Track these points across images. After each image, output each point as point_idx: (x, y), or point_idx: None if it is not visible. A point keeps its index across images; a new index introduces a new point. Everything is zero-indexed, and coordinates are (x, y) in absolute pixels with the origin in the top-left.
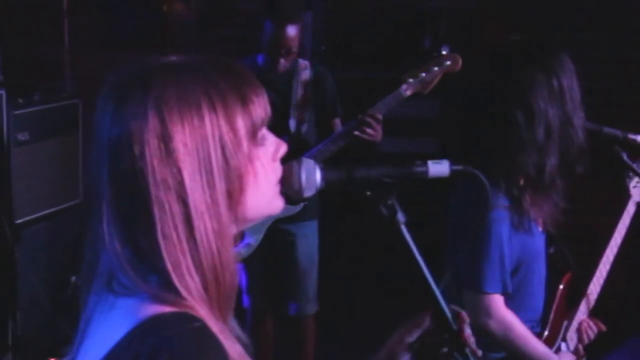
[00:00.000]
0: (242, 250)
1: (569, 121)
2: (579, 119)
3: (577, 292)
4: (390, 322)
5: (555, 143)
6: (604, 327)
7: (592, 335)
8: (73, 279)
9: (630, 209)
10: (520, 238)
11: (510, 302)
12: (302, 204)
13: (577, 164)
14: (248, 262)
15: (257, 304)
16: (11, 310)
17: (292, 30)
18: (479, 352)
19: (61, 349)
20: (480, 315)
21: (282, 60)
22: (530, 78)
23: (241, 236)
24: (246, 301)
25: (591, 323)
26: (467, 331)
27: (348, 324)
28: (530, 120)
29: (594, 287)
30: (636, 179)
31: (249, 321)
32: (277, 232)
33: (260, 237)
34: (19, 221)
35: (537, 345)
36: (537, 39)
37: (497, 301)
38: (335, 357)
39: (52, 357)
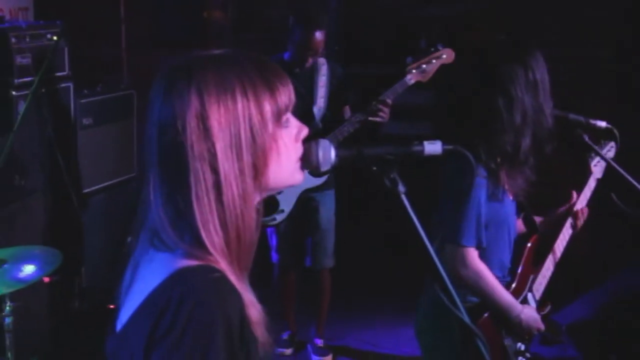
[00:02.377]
0: (277, 216)
1: (540, 108)
2: (548, 107)
3: (542, 252)
4: (393, 274)
5: (529, 126)
6: None
7: None
8: (129, 239)
9: (591, 184)
10: (491, 205)
11: (482, 256)
12: (325, 177)
13: (546, 145)
14: (279, 225)
15: (284, 260)
16: (77, 265)
17: (319, 35)
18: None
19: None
20: (458, 265)
21: (310, 60)
22: (510, 71)
23: (276, 207)
24: (274, 257)
25: None
26: None
27: (358, 276)
28: (510, 106)
29: (558, 247)
30: (597, 159)
31: (276, 274)
32: (303, 199)
33: (291, 206)
34: (84, 191)
35: (503, 293)
36: (517, 39)
37: (472, 253)
38: (347, 303)
39: (111, 304)
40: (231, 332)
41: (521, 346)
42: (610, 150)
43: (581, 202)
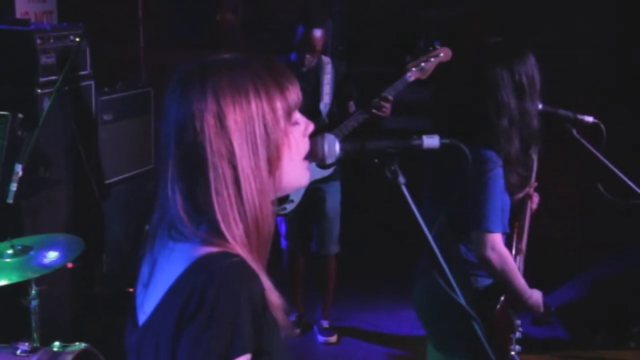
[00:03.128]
0: (287, 206)
1: (527, 111)
2: (535, 108)
3: (520, 234)
4: (394, 259)
5: (516, 130)
6: None
7: None
8: (147, 227)
9: (534, 169)
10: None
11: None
12: (332, 168)
13: (533, 145)
14: (287, 214)
15: (292, 245)
16: (98, 252)
17: (318, 33)
18: None
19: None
20: (486, 250)
21: (307, 56)
22: (497, 76)
23: (287, 197)
24: (284, 244)
25: None
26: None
27: (361, 262)
28: (497, 111)
29: (527, 225)
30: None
31: (285, 259)
32: (310, 189)
33: (300, 196)
34: (105, 182)
35: (520, 277)
36: (508, 43)
37: (498, 238)
38: (351, 287)
39: (130, 288)
40: (255, 312)
41: (518, 322)
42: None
43: (533, 184)
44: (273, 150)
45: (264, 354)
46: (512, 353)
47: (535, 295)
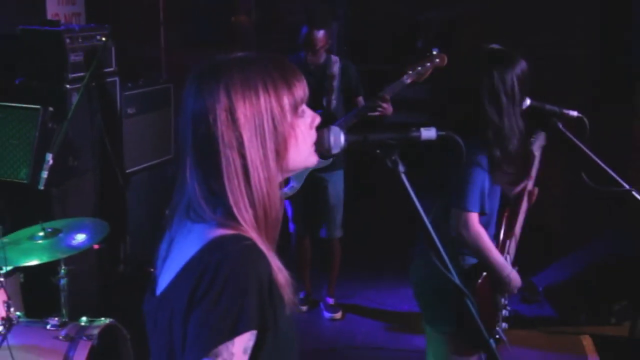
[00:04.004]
0: (287, 190)
1: (514, 112)
2: (518, 110)
3: (512, 221)
4: (394, 242)
5: (503, 127)
6: None
7: None
8: (167, 211)
9: (536, 165)
10: (492, 186)
11: (489, 224)
12: (331, 159)
13: (517, 142)
14: (293, 200)
15: (299, 230)
16: (122, 234)
17: (319, 34)
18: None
19: None
20: (461, 227)
21: (309, 55)
22: (490, 81)
23: (286, 181)
24: (291, 227)
25: None
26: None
27: (364, 244)
28: (488, 110)
29: (520, 218)
30: (539, 139)
31: (293, 242)
32: (315, 178)
33: (301, 182)
34: (128, 171)
35: (497, 254)
36: (500, 49)
37: (474, 218)
38: (355, 267)
39: (151, 267)
40: (262, 292)
41: (504, 300)
42: (541, 139)
43: (532, 179)
44: (280, 141)
45: (269, 330)
46: (498, 329)
47: (514, 274)
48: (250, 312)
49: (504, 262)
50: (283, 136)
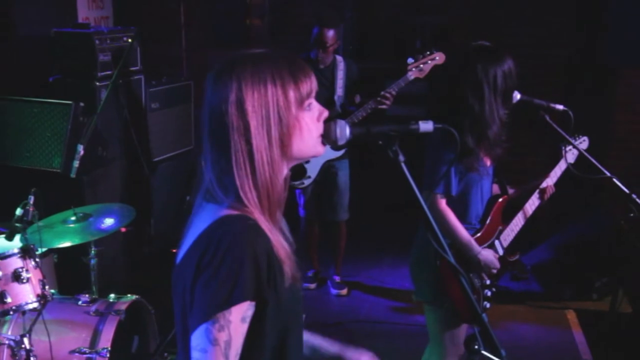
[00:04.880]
0: (305, 181)
1: (499, 105)
2: (499, 101)
3: (511, 211)
4: (395, 225)
5: (488, 118)
6: None
7: None
8: (188, 197)
9: (562, 166)
10: (469, 174)
11: (457, 203)
12: (343, 150)
13: (497, 130)
14: (304, 189)
15: (309, 215)
16: (147, 218)
17: (329, 33)
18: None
19: None
20: (429, 206)
21: (320, 52)
22: (478, 75)
23: (304, 173)
24: (302, 213)
25: None
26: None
27: (368, 227)
28: (475, 102)
29: (527, 210)
30: (569, 146)
31: (302, 226)
32: (329, 166)
33: (316, 173)
34: (152, 160)
35: (464, 233)
36: (489, 46)
37: (440, 199)
38: (359, 248)
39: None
40: (258, 268)
41: (487, 280)
42: (583, 142)
43: (551, 179)
44: (284, 131)
45: (268, 302)
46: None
47: (485, 253)
48: (245, 283)
49: (470, 242)
50: (287, 126)
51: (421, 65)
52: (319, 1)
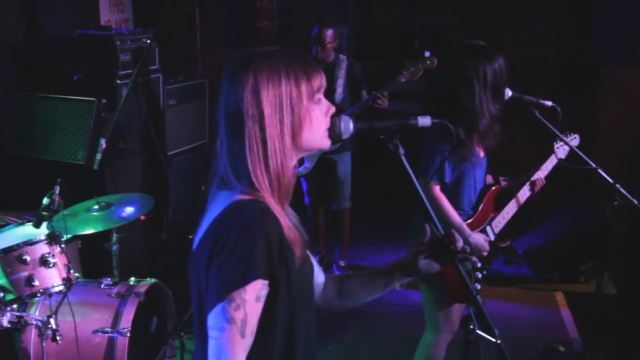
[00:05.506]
0: (302, 170)
1: (489, 101)
2: (489, 96)
3: (503, 200)
4: (395, 212)
5: (478, 112)
6: None
7: None
8: (202, 187)
9: (553, 160)
10: (462, 164)
11: (451, 190)
12: (340, 143)
13: (488, 123)
14: (308, 177)
15: (314, 202)
16: (165, 207)
17: (327, 32)
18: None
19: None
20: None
21: (318, 49)
22: (471, 73)
23: (301, 162)
24: (307, 200)
25: None
26: (460, 244)
27: (369, 214)
28: (466, 97)
29: (519, 200)
30: (560, 143)
31: (309, 213)
32: (327, 159)
33: (313, 163)
34: (169, 153)
35: (456, 217)
36: (482, 46)
37: (434, 185)
38: (362, 234)
39: (190, 235)
40: (270, 248)
41: (478, 264)
42: (574, 139)
43: (542, 172)
44: (296, 121)
45: (280, 282)
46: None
47: (476, 237)
48: (258, 263)
49: (461, 225)
50: (299, 117)
51: (412, 69)
52: (323, 4)
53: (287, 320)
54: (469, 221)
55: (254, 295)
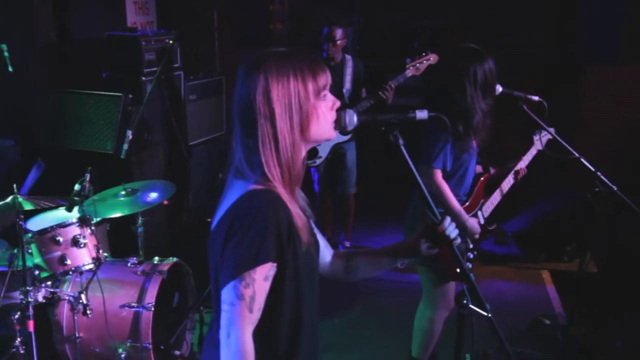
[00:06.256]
0: (317, 160)
1: (479, 98)
2: (479, 94)
3: (492, 187)
4: (395, 197)
5: (470, 108)
6: None
7: None
8: (220, 175)
9: (533, 152)
10: (462, 155)
11: (451, 179)
12: (349, 134)
13: (480, 119)
14: (319, 167)
15: (322, 189)
16: (186, 192)
17: (336, 31)
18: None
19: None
20: (427, 179)
21: (330, 46)
22: (462, 72)
23: (315, 153)
24: (316, 188)
25: None
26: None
27: (372, 199)
28: (459, 95)
29: (504, 187)
30: (542, 134)
31: (317, 199)
32: (338, 148)
33: (326, 153)
34: (190, 143)
35: (456, 203)
36: (473, 48)
37: (437, 172)
38: (365, 217)
39: (209, 218)
40: (280, 234)
41: (470, 245)
42: (545, 136)
43: (524, 162)
44: (304, 117)
45: (288, 263)
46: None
47: (471, 221)
48: (269, 247)
49: (461, 210)
50: (306, 113)
51: (417, 65)
52: (329, 8)
53: (293, 298)
54: (464, 207)
55: (262, 276)
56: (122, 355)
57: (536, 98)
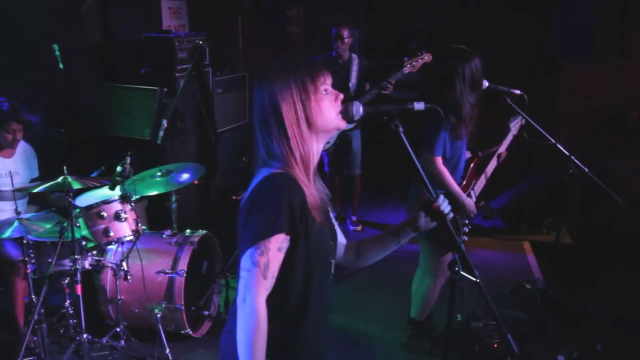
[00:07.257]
0: (326, 145)
1: (467, 93)
2: (475, 90)
3: (481, 169)
4: (396, 178)
5: (459, 101)
6: None
7: None
8: (244, 158)
9: (509, 137)
10: (456, 142)
11: (449, 164)
12: (354, 123)
13: (468, 112)
14: (329, 151)
15: (332, 170)
16: (214, 173)
17: (344, 29)
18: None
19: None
20: (430, 166)
21: (339, 43)
22: (452, 70)
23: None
24: (327, 169)
25: None
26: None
27: (376, 179)
28: (449, 89)
29: (489, 169)
30: (513, 121)
31: (327, 179)
32: (342, 135)
33: (334, 140)
34: (218, 130)
35: (456, 185)
36: (461, 48)
37: (439, 159)
38: (370, 195)
39: (234, 196)
40: (293, 210)
41: (465, 220)
42: (521, 120)
43: (503, 146)
44: (308, 113)
45: (300, 236)
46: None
47: (469, 201)
48: (283, 220)
49: (460, 192)
50: (310, 110)
51: (414, 63)
52: (338, 13)
53: (304, 269)
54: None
55: (276, 246)
56: (158, 315)
57: (518, 92)
